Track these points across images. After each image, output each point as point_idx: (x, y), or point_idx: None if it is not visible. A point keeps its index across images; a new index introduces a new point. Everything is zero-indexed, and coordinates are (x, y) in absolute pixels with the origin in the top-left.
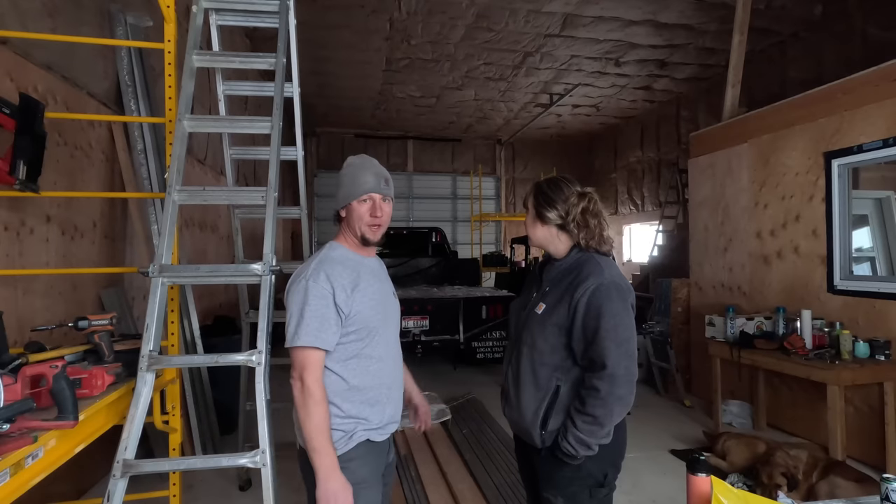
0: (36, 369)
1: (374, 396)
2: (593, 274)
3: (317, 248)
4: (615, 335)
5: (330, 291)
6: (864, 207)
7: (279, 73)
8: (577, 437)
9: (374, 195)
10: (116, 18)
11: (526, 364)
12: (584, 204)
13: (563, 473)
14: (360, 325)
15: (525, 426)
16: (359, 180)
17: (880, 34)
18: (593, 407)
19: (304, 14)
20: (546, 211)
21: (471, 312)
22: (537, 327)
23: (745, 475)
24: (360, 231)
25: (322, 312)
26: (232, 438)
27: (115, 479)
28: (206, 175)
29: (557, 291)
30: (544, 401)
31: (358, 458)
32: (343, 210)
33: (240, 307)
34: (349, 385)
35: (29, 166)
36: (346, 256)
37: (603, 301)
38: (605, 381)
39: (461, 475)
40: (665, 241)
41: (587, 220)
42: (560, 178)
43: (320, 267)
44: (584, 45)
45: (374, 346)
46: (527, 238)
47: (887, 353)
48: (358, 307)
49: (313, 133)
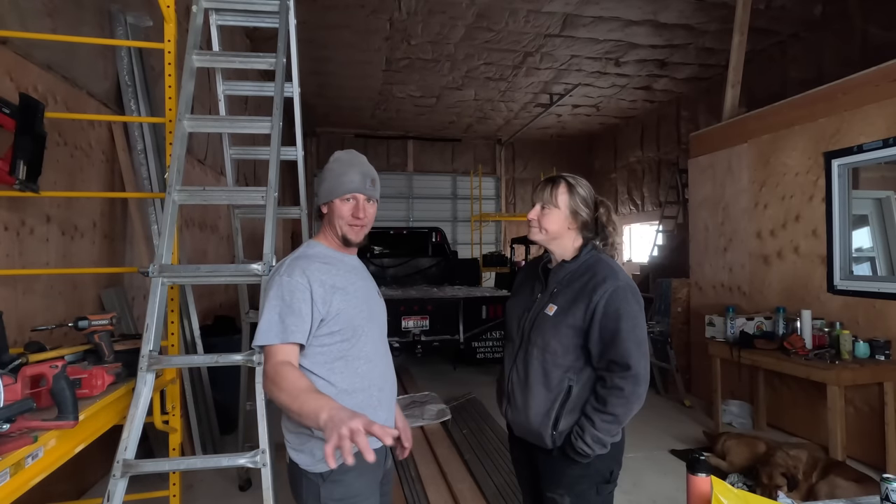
0: (36, 369)
1: (364, 400)
2: (609, 277)
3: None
4: (635, 336)
5: (306, 286)
6: (864, 207)
7: (279, 73)
8: (595, 436)
9: (358, 195)
10: (116, 18)
11: (536, 366)
12: (603, 208)
13: (573, 472)
14: (343, 324)
15: (534, 428)
16: (344, 178)
17: (880, 34)
18: (615, 406)
19: (304, 14)
20: (579, 205)
21: (471, 312)
22: (550, 329)
23: (745, 475)
24: (342, 231)
25: (292, 306)
26: (232, 438)
27: (115, 479)
28: (206, 175)
29: (570, 293)
30: (556, 402)
31: (352, 470)
32: (325, 206)
33: (240, 307)
34: (338, 389)
35: (29, 166)
36: (324, 253)
37: (621, 304)
38: (630, 381)
39: (461, 475)
40: (665, 241)
41: (609, 223)
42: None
43: (295, 263)
44: (584, 45)
45: (360, 346)
46: (527, 238)
47: (887, 353)
48: (340, 305)
49: (313, 133)
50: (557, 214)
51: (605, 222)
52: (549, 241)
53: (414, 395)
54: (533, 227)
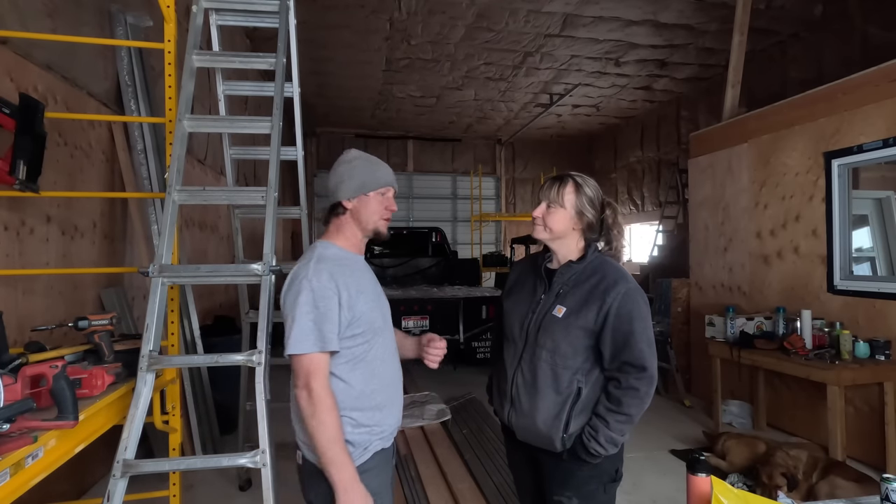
0: (36, 369)
1: (382, 400)
2: (620, 279)
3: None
4: (646, 337)
5: (335, 291)
6: (864, 207)
7: (279, 73)
8: (609, 437)
9: (392, 189)
10: (116, 18)
11: (545, 368)
12: (610, 210)
13: (582, 473)
14: (365, 326)
15: (543, 432)
16: (378, 172)
17: (880, 34)
18: (629, 406)
19: (304, 14)
20: (585, 206)
21: (471, 312)
22: (560, 331)
23: (745, 475)
24: (374, 225)
25: (326, 314)
26: (232, 438)
27: (115, 479)
28: (206, 175)
29: (579, 294)
30: (566, 404)
31: (371, 469)
32: (352, 201)
33: (240, 307)
34: (358, 391)
35: (29, 166)
36: (341, 255)
37: (633, 306)
38: (645, 382)
39: (461, 475)
40: (665, 241)
41: (615, 226)
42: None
43: (321, 266)
44: (584, 45)
45: (378, 348)
46: (527, 238)
47: (887, 353)
48: (363, 308)
49: (313, 133)
50: (563, 214)
51: (610, 224)
52: (553, 241)
53: (414, 395)
54: (537, 226)
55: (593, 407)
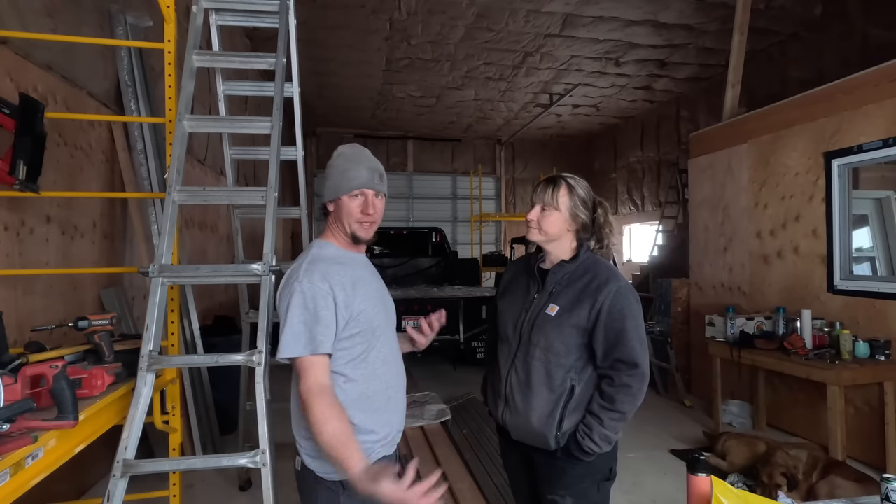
0: (36, 369)
1: (383, 403)
2: (612, 278)
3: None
4: (638, 335)
5: (328, 291)
6: (864, 207)
7: (279, 73)
8: (603, 434)
9: (366, 191)
10: (116, 18)
11: (538, 367)
12: (601, 209)
13: (575, 472)
14: (364, 325)
15: (537, 430)
16: (350, 173)
17: (880, 34)
18: (623, 403)
19: (304, 14)
20: (578, 207)
21: (471, 312)
22: (553, 329)
23: (745, 475)
24: (350, 228)
25: (317, 315)
26: (232, 438)
27: (115, 479)
28: (206, 175)
29: (571, 293)
30: (559, 402)
31: None
32: (331, 204)
33: (240, 307)
34: (359, 393)
35: (29, 166)
36: (337, 254)
37: (624, 304)
38: (637, 379)
39: (461, 475)
40: (665, 241)
41: (606, 224)
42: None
43: (313, 267)
44: (584, 45)
45: (380, 348)
46: (526, 238)
47: (887, 353)
48: (361, 306)
49: (313, 133)
50: (558, 217)
51: (602, 223)
52: (548, 243)
53: (414, 395)
54: (532, 229)
55: (587, 405)
